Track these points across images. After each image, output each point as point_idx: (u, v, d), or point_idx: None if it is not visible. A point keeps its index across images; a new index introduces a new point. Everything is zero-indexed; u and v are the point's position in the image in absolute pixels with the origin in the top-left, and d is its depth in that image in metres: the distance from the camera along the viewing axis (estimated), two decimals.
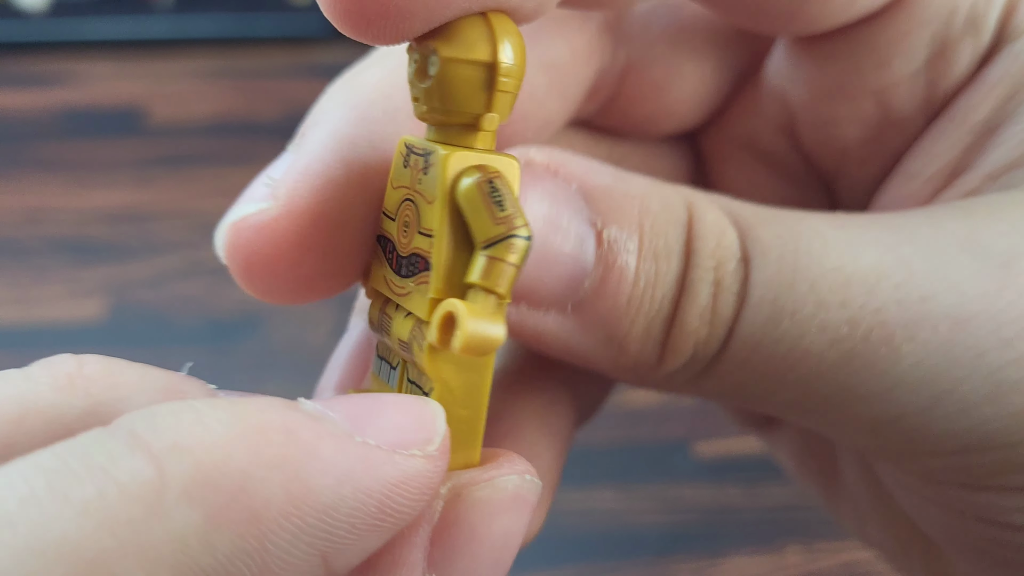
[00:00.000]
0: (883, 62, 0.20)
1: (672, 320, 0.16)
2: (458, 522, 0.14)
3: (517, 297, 0.16)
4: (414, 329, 0.15)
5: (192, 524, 0.11)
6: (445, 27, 0.15)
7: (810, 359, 0.16)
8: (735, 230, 0.17)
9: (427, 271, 0.15)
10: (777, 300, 0.16)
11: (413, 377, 0.16)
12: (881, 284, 0.16)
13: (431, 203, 0.15)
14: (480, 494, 0.15)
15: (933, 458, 0.17)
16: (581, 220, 0.16)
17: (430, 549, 0.14)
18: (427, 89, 0.15)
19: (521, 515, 0.15)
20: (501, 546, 0.15)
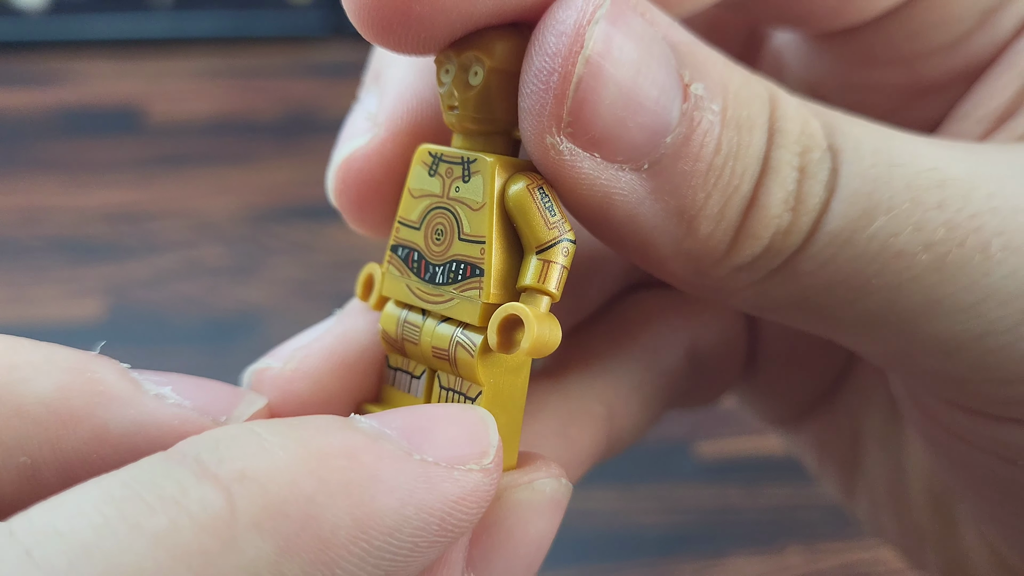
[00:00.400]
0: (918, 32, 0.19)
1: (752, 202, 0.15)
2: (497, 523, 0.15)
3: (593, 145, 0.14)
4: (457, 335, 0.15)
5: (264, 555, 0.11)
6: (473, 38, 0.15)
7: (902, 260, 0.15)
8: (819, 122, 0.16)
9: (475, 277, 0.15)
10: (873, 194, 0.15)
11: (449, 384, 0.16)
12: (975, 191, 0.15)
13: (478, 209, 0.15)
14: (519, 496, 0.15)
15: (1007, 386, 0.16)
16: (669, 68, 0.14)
17: (469, 549, 0.15)
18: (468, 98, 0.15)
19: (555, 518, 0.15)
20: (536, 548, 0.15)
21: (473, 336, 0.15)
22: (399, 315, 0.16)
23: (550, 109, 0.14)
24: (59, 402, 0.13)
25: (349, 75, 0.18)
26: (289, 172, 0.62)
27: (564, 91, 0.14)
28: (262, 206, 0.59)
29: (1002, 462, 0.18)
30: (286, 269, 0.54)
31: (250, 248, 0.56)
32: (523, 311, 0.14)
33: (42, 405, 0.13)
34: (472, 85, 0.15)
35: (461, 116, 0.15)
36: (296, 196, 0.60)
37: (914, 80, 0.20)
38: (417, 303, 0.16)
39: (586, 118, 0.14)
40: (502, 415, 0.15)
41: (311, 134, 0.65)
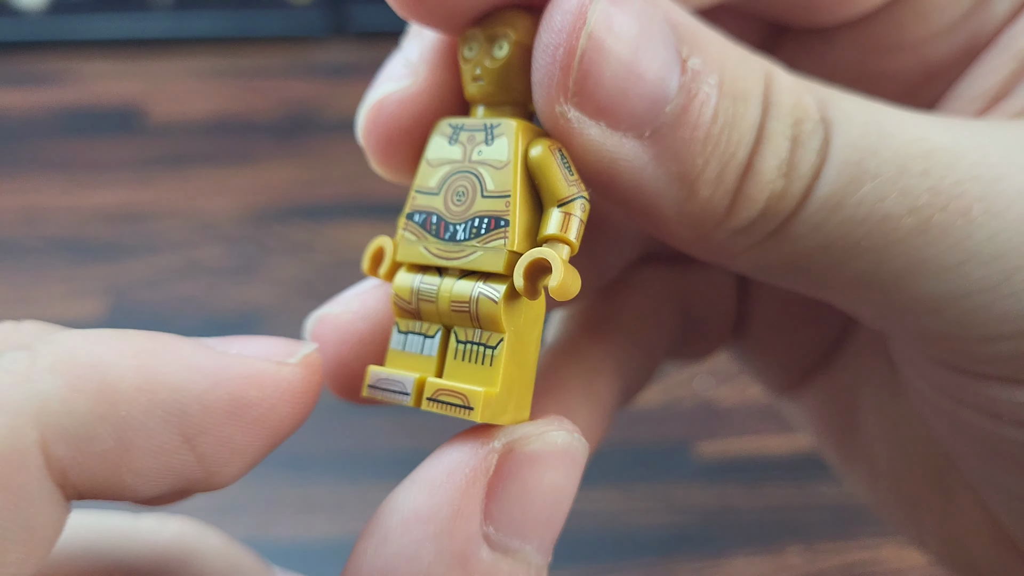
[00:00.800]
0: (922, 16, 0.20)
1: (747, 168, 0.16)
2: (511, 475, 0.15)
3: (598, 113, 0.16)
4: (478, 287, 0.16)
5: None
6: (498, 16, 0.16)
7: (888, 224, 0.16)
8: (812, 96, 0.17)
9: (499, 228, 0.16)
10: (862, 162, 0.16)
11: (467, 337, 0.17)
12: (960, 160, 0.16)
13: (501, 168, 0.16)
14: (531, 447, 0.16)
15: (989, 344, 0.17)
16: (668, 44, 0.16)
17: (486, 502, 0.15)
18: (494, 69, 0.17)
19: (571, 472, 0.16)
20: (553, 500, 0.16)
21: (496, 286, 0.16)
22: (413, 279, 0.17)
23: (557, 80, 0.15)
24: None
25: (349, 75, 0.18)
26: (289, 172, 0.62)
27: (569, 63, 0.15)
28: (262, 206, 0.59)
29: (990, 419, 0.19)
30: (286, 269, 0.54)
31: (250, 248, 0.56)
32: (550, 254, 0.15)
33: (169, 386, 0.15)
34: (497, 57, 0.17)
35: (485, 86, 0.17)
36: (296, 196, 0.60)
37: (922, 65, 0.21)
38: (434, 262, 0.17)
39: (590, 88, 0.15)
40: (517, 368, 0.16)
41: (311, 134, 0.65)
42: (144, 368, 0.14)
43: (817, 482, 0.42)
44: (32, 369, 0.14)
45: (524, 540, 0.15)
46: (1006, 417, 0.19)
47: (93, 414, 0.14)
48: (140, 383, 0.14)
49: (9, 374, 0.14)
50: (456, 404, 0.16)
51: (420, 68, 0.18)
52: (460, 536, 0.15)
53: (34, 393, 0.14)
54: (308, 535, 0.40)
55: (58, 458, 0.14)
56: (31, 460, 0.14)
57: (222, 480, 0.15)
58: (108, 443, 0.14)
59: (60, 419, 0.14)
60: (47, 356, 0.14)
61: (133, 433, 0.14)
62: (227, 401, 0.15)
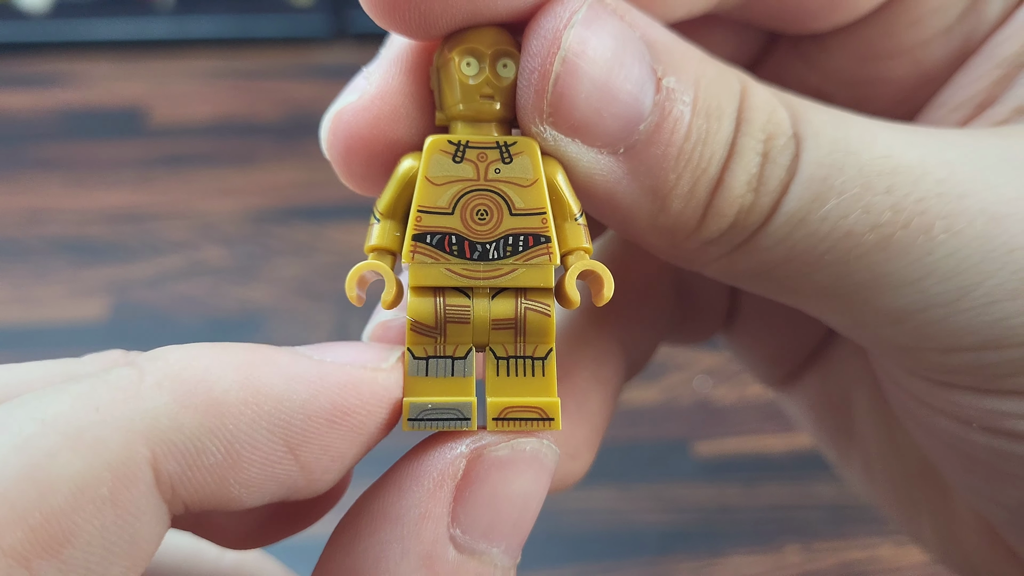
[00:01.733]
0: (916, 20, 0.20)
1: (718, 182, 0.17)
2: (479, 479, 0.16)
3: (573, 132, 0.16)
4: (523, 303, 0.17)
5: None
6: (499, 35, 0.17)
7: (851, 239, 0.17)
8: (786, 111, 0.17)
9: (540, 245, 0.17)
10: (827, 179, 0.17)
11: (509, 352, 0.17)
12: (925, 178, 0.17)
13: (529, 186, 0.17)
14: (499, 454, 0.16)
15: (950, 354, 0.18)
16: (643, 64, 0.16)
17: (454, 505, 0.15)
18: (504, 88, 0.17)
19: (539, 478, 0.16)
20: (521, 506, 0.16)
21: (542, 300, 0.17)
22: (434, 301, 0.17)
23: (533, 102, 0.16)
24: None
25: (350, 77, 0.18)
26: (290, 173, 0.62)
27: (543, 87, 0.16)
28: (263, 207, 0.59)
29: (960, 425, 0.20)
30: (287, 269, 0.55)
31: (251, 248, 0.56)
32: (602, 267, 0.16)
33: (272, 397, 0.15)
34: (505, 77, 0.17)
35: (496, 103, 0.17)
36: (297, 197, 0.60)
37: (917, 69, 0.21)
38: (462, 282, 0.17)
39: (565, 109, 0.16)
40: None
41: (312, 136, 0.65)
42: (248, 381, 0.15)
43: (815, 481, 0.42)
44: (140, 386, 0.14)
45: (491, 543, 0.16)
46: (975, 423, 0.19)
47: (202, 429, 0.14)
48: (245, 396, 0.14)
49: (118, 391, 0.14)
50: (532, 419, 0.16)
51: (374, 77, 0.18)
52: (427, 538, 0.15)
53: (144, 410, 0.14)
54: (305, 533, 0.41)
55: (168, 474, 0.14)
56: (141, 477, 0.14)
57: (321, 486, 0.16)
58: (217, 456, 0.14)
59: (170, 435, 0.14)
60: (154, 372, 0.14)
61: (240, 445, 0.14)
62: (328, 409, 0.15)
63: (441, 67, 0.17)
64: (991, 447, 0.19)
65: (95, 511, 0.13)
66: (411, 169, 0.17)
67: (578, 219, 0.17)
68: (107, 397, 0.14)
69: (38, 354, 0.17)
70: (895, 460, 0.25)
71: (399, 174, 0.17)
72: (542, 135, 0.16)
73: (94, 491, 0.13)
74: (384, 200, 0.17)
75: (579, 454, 0.22)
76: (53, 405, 0.14)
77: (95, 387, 0.14)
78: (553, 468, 0.16)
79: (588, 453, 0.21)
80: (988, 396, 0.18)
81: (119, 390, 0.14)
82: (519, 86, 0.17)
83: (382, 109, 0.18)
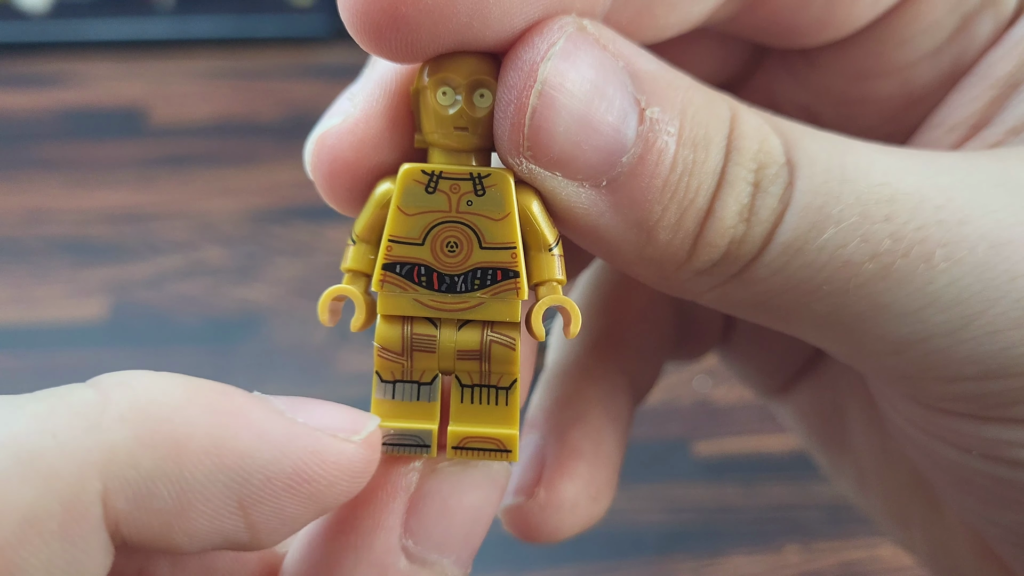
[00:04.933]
0: (905, 40, 0.20)
1: (708, 213, 0.16)
2: (431, 493, 0.16)
3: (553, 166, 0.16)
4: (488, 335, 0.17)
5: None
6: (477, 63, 0.16)
7: (849, 270, 0.16)
8: (779, 139, 0.17)
9: (511, 279, 0.17)
10: (824, 208, 0.16)
11: (474, 381, 0.17)
12: (923, 205, 0.16)
13: (500, 220, 0.16)
14: (452, 468, 0.16)
15: (952, 384, 0.18)
16: (626, 95, 0.16)
17: (406, 516, 0.16)
18: (480, 120, 0.17)
19: (491, 493, 0.17)
20: (471, 520, 0.16)
21: (508, 332, 0.17)
22: (402, 329, 0.17)
23: (509, 135, 0.16)
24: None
25: (350, 77, 0.18)
26: (290, 173, 0.62)
27: (520, 121, 0.16)
28: (263, 207, 0.59)
29: (960, 452, 0.19)
30: (287, 269, 0.55)
31: (251, 249, 0.56)
32: (569, 303, 0.16)
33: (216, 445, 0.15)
34: (481, 107, 0.17)
35: (470, 135, 0.17)
36: (297, 197, 0.60)
37: (906, 89, 0.21)
38: (429, 313, 0.17)
39: (543, 143, 0.16)
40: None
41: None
42: (214, 429, 0.14)
43: (814, 481, 0.42)
44: (102, 416, 0.14)
45: (442, 554, 0.16)
46: (974, 451, 0.19)
47: (158, 471, 0.14)
48: (208, 446, 0.14)
49: (79, 417, 0.13)
50: (490, 449, 0.17)
51: (359, 99, 0.18)
52: (379, 547, 0.16)
53: (102, 442, 0.13)
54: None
55: (116, 510, 0.14)
56: (91, 511, 0.13)
57: (263, 545, 0.15)
58: (167, 502, 0.14)
59: (125, 472, 0.13)
60: (118, 403, 0.14)
61: (193, 495, 0.14)
62: (290, 474, 0.15)
63: (420, 92, 0.17)
64: (990, 474, 0.19)
65: (42, 545, 0.13)
66: (387, 193, 0.17)
67: (552, 250, 0.17)
68: (65, 423, 0.13)
69: (38, 354, 0.17)
70: (887, 471, 0.25)
71: (375, 197, 0.17)
72: (519, 167, 0.16)
73: (43, 524, 0.13)
74: (360, 223, 0.17)
75: (600, 496, 0.22)
76: (8, 424, 0.13)
77: (54, 409, 0.14)
78: (505, 483, 0.17)
79: (608, 493, 0.22)
80: (989, 424, 0.18)
81: (79, 417, 0.13)
82: (496, 118, 0.16)
83: (366, 133, 0.17)
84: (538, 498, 0.21)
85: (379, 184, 0.17)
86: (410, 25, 0.15)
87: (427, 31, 0.15)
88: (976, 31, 0.20)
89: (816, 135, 0.17)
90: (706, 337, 0.27)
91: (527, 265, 0.17)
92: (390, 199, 0.17)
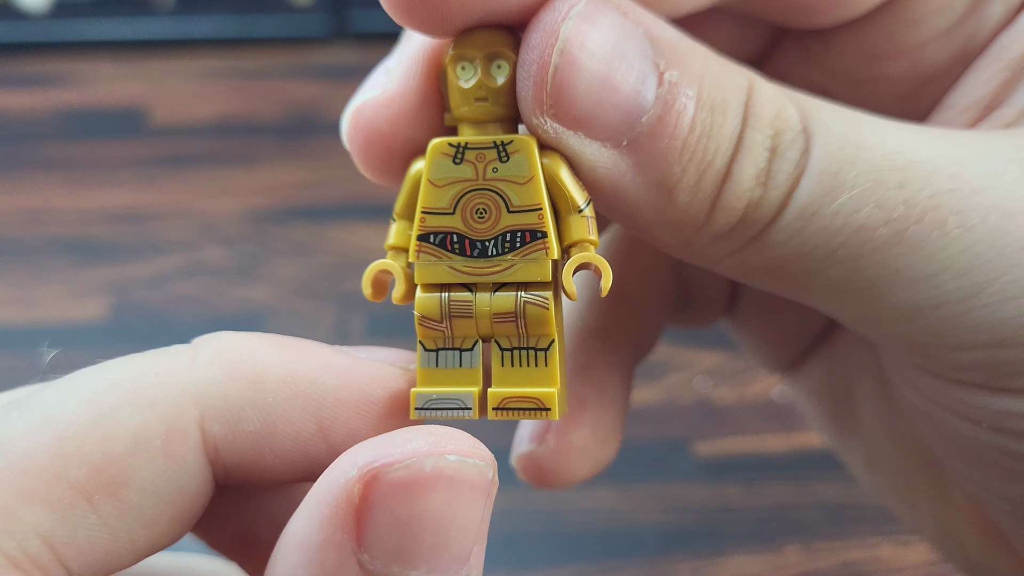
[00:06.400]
0: (917, 21, 0.21)
1: (726, 176, 0.17)
2: (377, 504, 0.15)
3: (575, 124, 0.16)
4: (522, 296, 0.17)
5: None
6: (491, 36, 0.17)
7: (863, 234, 0.17)
8: (795, 108, 0.17)
9: (538, 240, 0.17)
10: (839, 173, 0.17)
11: (513, 344, 0.18)
12: (937, 174, 0.17)
13: (525, 183, 0.17)
14: (393, 476, 0.15)
15: (964, 352, 0.18)
16: (645, 58, 0.16)
17: (357, 530, 0.15)
18: (499, 89, 0.17)
19: (453, 492, 0.15)
20: (434, 527, 0.15)
21: (541, 293, 0.17)
22: (439, 297, 0.18)
23: (533, 94, 0.16)
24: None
25: (350, 77, 0.18)
26: (291, 173, 0.62)
27: (543, 78, 0.16)
28: (264, 207, 0.59)
29: (970, 424, 0.20)
30: (287, 269, 0.55)
31: (252, 249, 0.56)
32: (600, 260, 0.17)
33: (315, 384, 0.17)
34: (498, 77, 0.17)
35: (490, 105, 0.17)
36: (297, 197, 0.60)
37: (918, 69, 0.21)
38: (464, 279, 0.18)
39: (565, 101, 0.16)
40: (562, 362, 0.18)
41: (312, 136, 0.65)
42: (287, 363, 0.17)
43: (815, 481, 0.42)
44: (194, 359, 0.16)
45: (406, 567, 0.15)
46: (984, 423, 0.19)
47: (244, 399, 0.16)
48: (284, 376, 0.16)
49: (175, 362, 0.16)
50: (530, 408, 0.17)
51: (395, 74, 0.18)
52: (331, 564, 0.15)
53: (195, 379, 0.16)
54: None
55: (213, 435, 0.16)
56: (190, 435, 0.16)
57: None
58: (255, 425, 0.16)
59: (216, 402, 0.16)
60: (206, 350, 0.16)
61: (277, 418, 0.16)
62: (357, 397, 0.17)
63: (444, 71, 0.18)
64: (1000, 446, 0.19)
65: (149, 459, 0.15)
66: (420, 171, 0.18)
67: (583, 211, 0.17)
68: (165, 366, 0.16)
69: (38, 354, 0.18)
70: (896, 450, 0.25)
71: (410, 176, 0.18)
72: (543, 127, 0.16)
73: (149, 442, 0.15)
74: (398, 201, 0.18)
75: (608, 440, 0.22)
76: (120, 369, 0.16)
77: (155, 358, 0.16)
78: (478, 481, 0.15)
79: (616, 438, 0.22)
80: (1000, 395, 0.18)
81: (175, 361, 0.16)
82: (519, 78, 0.17)
83: (402, 107, 0.18)
84: (548, 444, 0.22)
85: (413, 163, 0.18)
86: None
87: (457, 3, 0.16)
88: (987, 12, 0.20)
89: (831, 107, 0.18)
90: (709, 304, 0.27)
91: (559, 229, 0.17)
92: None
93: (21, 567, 0.14)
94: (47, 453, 0.15)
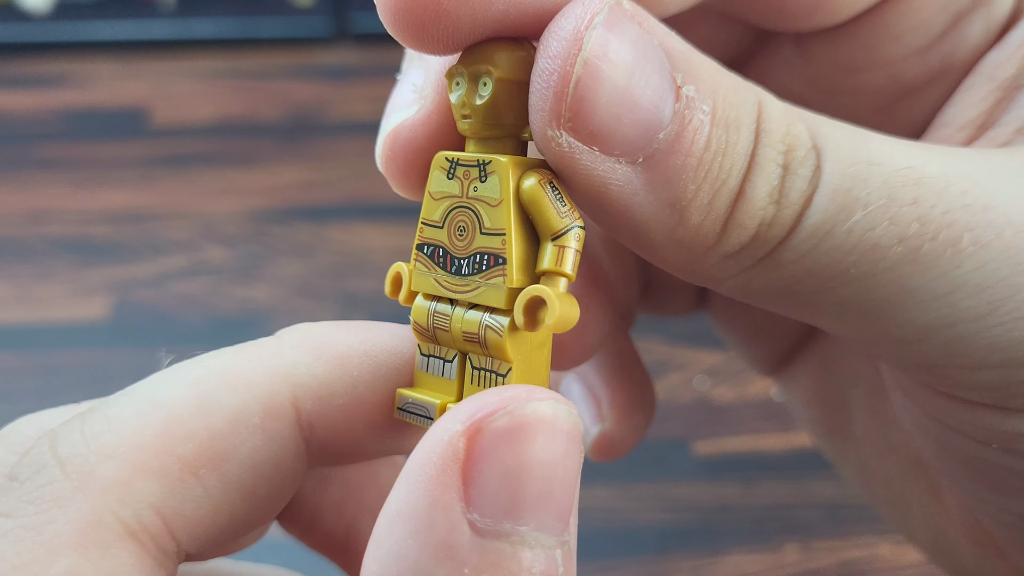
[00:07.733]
0: (895, 36, 0.20)
1: (739, 194, 0.16)
2: (483, 456, 0.14)
3: (591, 139, 0.16)
4: (485, 319, 0.17)
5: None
6: (480, 52, 0.17)
7: (878, 253, 0.16)
8: (804, 124, 0.17)
9: (498, 266, 0.17)
10: (852, 191, 0.16)
11: (480, 364, 0.17)
12: (949, 190, 0.16)
13: (496, 205, 0.17)
14: (497, 424, 0.14)
15: (976, 372, 0.17)
16: (663, 72, 0.16)
17: (464, 488, 0.14)
18: (481, 107, 0.17)
19: (555, 442, 0.15)
20: (541, 475, 0.15)
21: (500, 319, 0.17)
22: (428, 306, 0.18)
23: (551, 105, 0.15)
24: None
25: (351, 78, 0.18)
26: (292, 174, 0.62)
27: (564, 89, 0.15)
28: (265, 207, 0.59)
29: (978, 444, 0.19)
30: (289, 269, 0.55)
31: (253, 249, 0.56)
32: (545, 292, 0.16)
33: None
34: (483, 96, 0.17)
35: (474, 123, 0.17)
36: (299, 197, 0.60)
37: (895, 83, 0.21)
38: (445, 294, 0.18)
39: (585, 114, 0.15)
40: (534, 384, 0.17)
41: (314, 136, 0.65)
42: (363, 339, 0.18)
43: (814, 480, 0.42)
44: (281, 346, 0.18)
45: (516, 522, 0.14)
46: (994, 444, 0.19)
47: (331, 376, 0.18)
48: (363, 350, 0.18)
49: (265, 349, 0.18)
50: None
51: (427, 91, 0.18)
52: (441, 527, 0.14)
53: (285, 362, 0.17)
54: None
55: (306, 412, 0.17)
56: (285, 413, 0.17)
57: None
58: (344, 399, 0.18)
59: (306, 380, 0.17)
60: (291, 337, 0.18)
61: (363, 388, 0.18)
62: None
63: None
64: (1009, 466, 0.19)
65: (248, 436, 0.17)
66: None
67: (559, 239, 0.16)
68: (257, 353, 0.17)
69: (40, 354, 0.18)
70: (890, 459, 0.25)
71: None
72: (558, 140, 0.16)
73: (248, 420, 0.17)
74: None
75: (645, 391, 0.26)
76: (216, 358, 0.17)
77: (247, 347, 0.18)
78: (570, 428, 0.15)
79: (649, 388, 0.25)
80: (1012, 416, 0.18)
81: (265, 348, 0.18)
82: (532, 89, 0.16)
83: (439, 123, 0.18)
84: (610, 419, 0.25)
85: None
86: (451, 17, 0.16)
87: (468, 20, 0.16)
88: (967, 31, 0.20)
89: (836, 124, 0.17)
90: (678, 293, 0.27)
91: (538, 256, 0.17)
92: None
93: (136, 536, 0.15)
94: (157, 431, 0.16)
